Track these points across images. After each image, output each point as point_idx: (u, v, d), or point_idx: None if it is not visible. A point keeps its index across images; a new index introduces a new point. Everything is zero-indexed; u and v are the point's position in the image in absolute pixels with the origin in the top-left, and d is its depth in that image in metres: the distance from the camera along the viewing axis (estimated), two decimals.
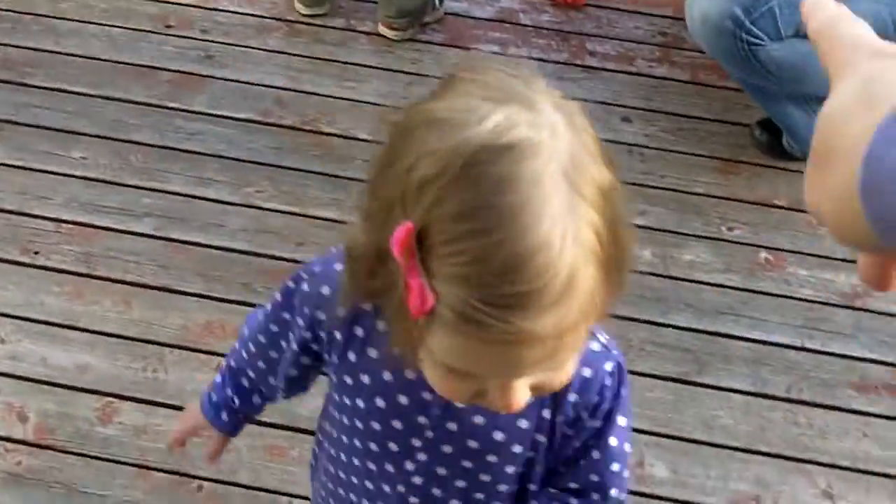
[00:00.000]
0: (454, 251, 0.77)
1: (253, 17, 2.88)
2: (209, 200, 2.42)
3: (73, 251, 2.30)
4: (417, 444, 1.05)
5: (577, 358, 0.88)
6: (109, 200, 2.40)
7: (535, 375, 0.86)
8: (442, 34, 2.87)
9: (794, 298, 2.31)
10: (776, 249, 2.41)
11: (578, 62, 2.81)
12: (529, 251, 0.76)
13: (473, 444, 1.04)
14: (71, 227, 2.35)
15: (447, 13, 2.92)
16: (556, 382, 0.89)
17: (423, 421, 1.04)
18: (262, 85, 2.70)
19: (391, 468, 1.08)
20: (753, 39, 2.28)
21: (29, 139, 2.53)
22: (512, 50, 2.83)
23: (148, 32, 2.81)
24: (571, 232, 0.77)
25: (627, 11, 2.96)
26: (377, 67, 2.77)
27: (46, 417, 2.01)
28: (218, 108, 2.63)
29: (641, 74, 2.80)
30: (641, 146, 2.60)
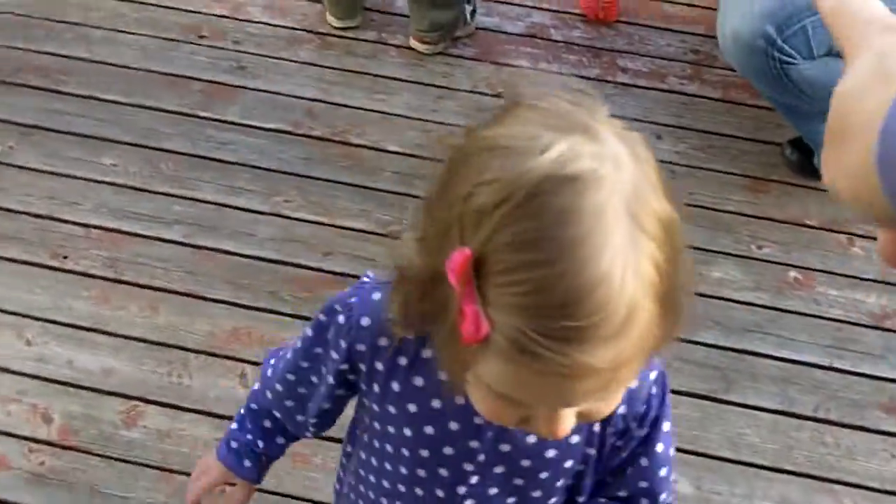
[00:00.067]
0: (512, 281, 0.76)
1: (285, 28, 2.89)
2: (239, 209, 2.43)
3: (101, 256, 2.31)
4: (470, 468, 1.04)
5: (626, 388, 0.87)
6: (139, 207, 2.42)
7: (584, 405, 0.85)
8: (473, 49, 2.87)
9: (823, 318, 2.29)
10: (806, 269, 2.39)
11: (609, 78, 2.81)
12: (589, 285, 0.75)
13: (526, 462, 1.04)
14: (100, 232, 2.36)
15: (478, 28, 2.92)
16: (603, 411, 0.88)
17: (475, 445, 1.02)
18: (293, 96, 2.71)
19: (441, 493, 1.07)
20: (785, 58, 2.27)
21: (60, 145, 2.55)
22: (543, 65, 2.83)
23: (180, 42, 2.83)
24: (632, 266, 0.76)
25: (659, 28, 2.96)
26: (408, 81, 2.77)
27: (71, 419, 2.01)
28: (249, 118, 2.65)
29: (673, 91, 2.79)
30: (672, 163, 2.59)
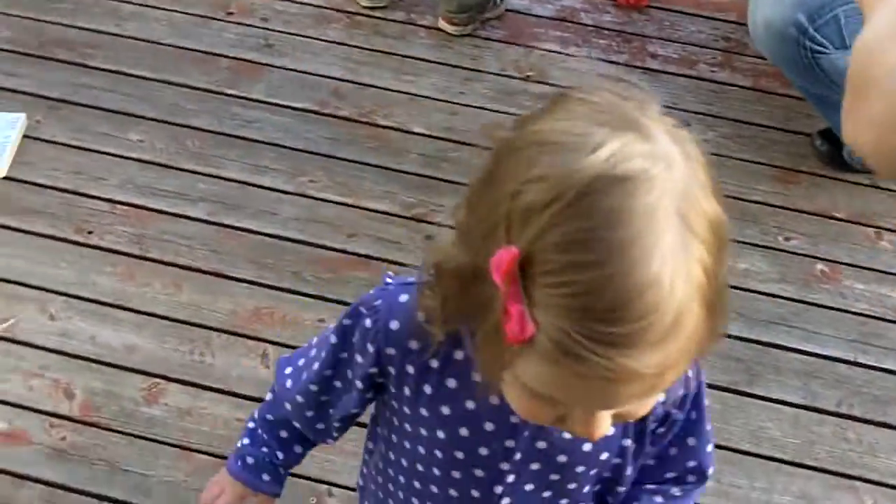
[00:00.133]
0: (560, 282, 0.75)
1: (313, 6, 2.88)
2: (263, 188, 2.43)
3: (126, 232, 2.31)
4: (506, 467, 1.03)
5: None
6: (165, 184, 2.42)
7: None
8: (502, 31, 2.85)
9: (849, 312, 2.27)
10: (833, 262, 2.36)
11: (639, 64, 2.79)
12: (638, 288, 0.74)
13: (563, 458, 1.03)
14: (125, 208, 2.36)
15: (508, 10, 2.90)
16: (640, 412, 0.87)
17: (511, 444, 1.02)
18: (320, 75, 2.70)
19: (477, 493, 1.06)
20: (817, 47, 2.25)
21: (87, 120, 2.55)
22: (572, 49, 2.81)
23: (209, 19, 2.82)
24: (682, 269, 0.75)
25: (690, 15, 2.93)
26: (436, 62, 2.76)
27: (93, 395, 2.02)
28: (276, 96, 2.64)
29: (703, 79, 2.76)
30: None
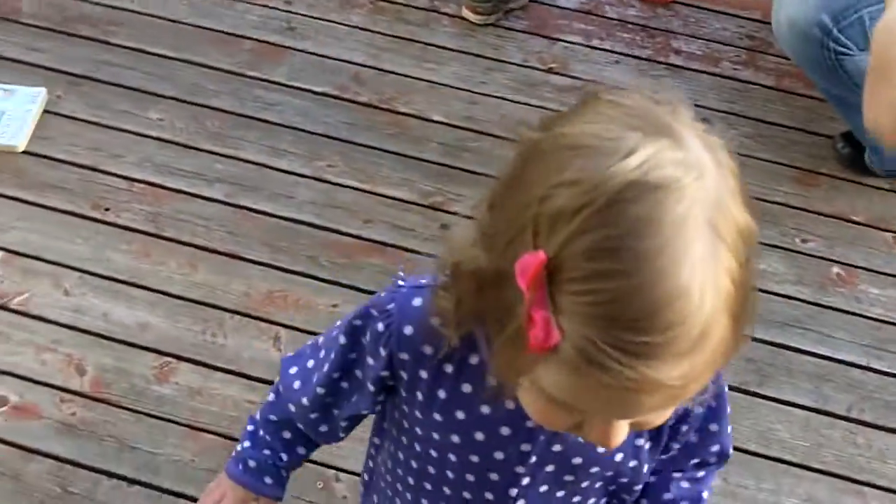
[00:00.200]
0: (587, 290, 0.74)
1: None
2: (281, 171, 2.43)
3: (143, 210, 2.31)
4: (521, 470, 1.03)
5: None
6: (183, 163, 2.42)
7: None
8: (525, 21, 2.84)
9: (863, 317, 2.26)
10: (849, 265, 2.35)
11: (662, 59, 2.77)
12: (667, 298, 0.73)
13: (578, 460, 1.03)
14: (143, 186, 2.36)
15: (532, 0, 2.89)
16: (658, 422, 0.86)
17: (527, 448, 1.01)
18: (341, 60, 2.70)
19: (491, 496, 1.06)
20: (841, 48, 2.23)
21: (107, 97, 2.55)
22: (595, 42, 2.79)
23: (233, 0, 2.82)
24: (711, 280, 0.74)
25: (715, 12, 2.91)
26: (458, 51, 2.75)
27: (104, 372, 2.02)
28: (297, 80, 2.64)
29: (725, 77, 2.75)
30: None
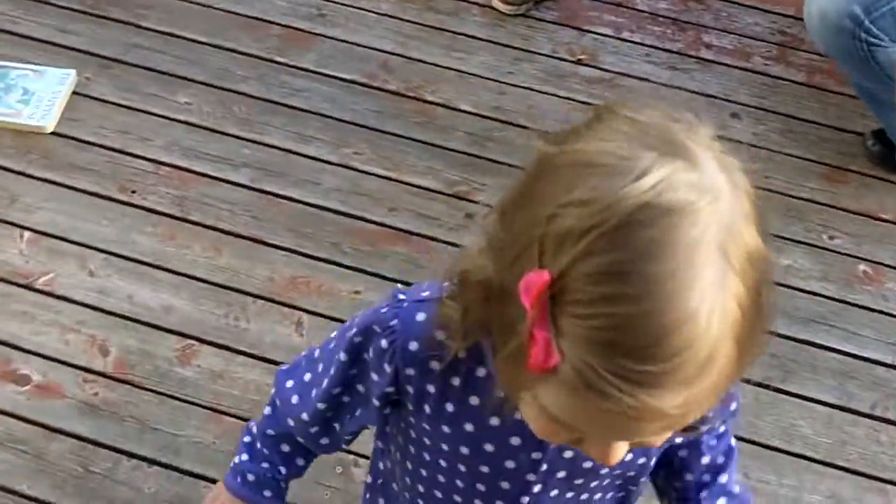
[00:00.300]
0: (591, 314, 0.72)
1: None
2: (307, 157, 2.43)
3: (169, 194, 2.32)
4: (532, 478, 1.03)
5: None
6: (209, 148, 2.42)
7: None
8: (556, 12, 2.83)
9: (890, 315, 2.24)
10: (876, 263, 2.33)
11: (693, 53, 2.76)
12: (673, 326, 0.71)
13: (588, 464, 1.03)
14: (169, 170, 2.37)
15: None
16: (658, 442, 0.85)
17: (537, 456, 1.01)
18: (370, 47, 2.69)
19: (502, 503, 1.06)
20: (873, 39, 2.22)
21: (137, 79, 2.56)
22: (626, 34, 2.78)
23: None
24: (718, 308, 0.72)
25: (747, 6, 2.89)
26: (487, 40, 2.74)
27: (127, 353, 2.03)
28: (325, 66, 2.64)
29: (756, 72, 2.73)
30: (749, 145, 2.53)
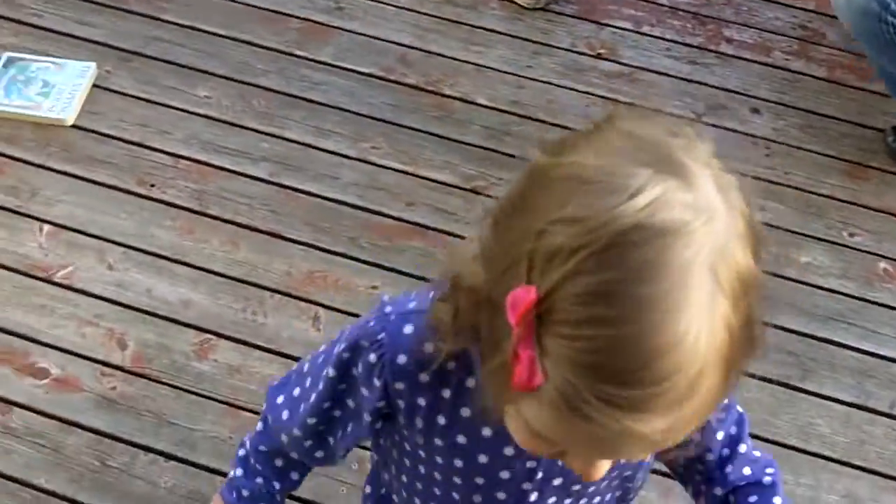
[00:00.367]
0: (577, 335, 0.71)
1: None
2: (325, 151, 2.43)
3: (188, 187, 2.33)
4: (528, 486, 1.02)
5: None
6: (228, 141, 2.43)
7: None
8: (575, 6, 2.82)
9: None
10: None
11: (713, 47, 2.74)
12: (662, 350, 0.70)
13: None
14: (188, 163, 2.38)
15: None
16: (643, 457, 0.86)
17: (532, 465, 1.00)
18: (388, 41, 2.69)
19: None
20: None
21: (157, 73, 2.56)
22: (646, 28, 2.77)
23: None
24: (706, 332, 0.71)
25: (768, 1, 2.87)
26: (505, 34, 2.74)
27: (145, 347, 2.04)
28: (343, 60, 2.64)
29: (777, 67, 2.71)
30: (768, 139, 2.53)
